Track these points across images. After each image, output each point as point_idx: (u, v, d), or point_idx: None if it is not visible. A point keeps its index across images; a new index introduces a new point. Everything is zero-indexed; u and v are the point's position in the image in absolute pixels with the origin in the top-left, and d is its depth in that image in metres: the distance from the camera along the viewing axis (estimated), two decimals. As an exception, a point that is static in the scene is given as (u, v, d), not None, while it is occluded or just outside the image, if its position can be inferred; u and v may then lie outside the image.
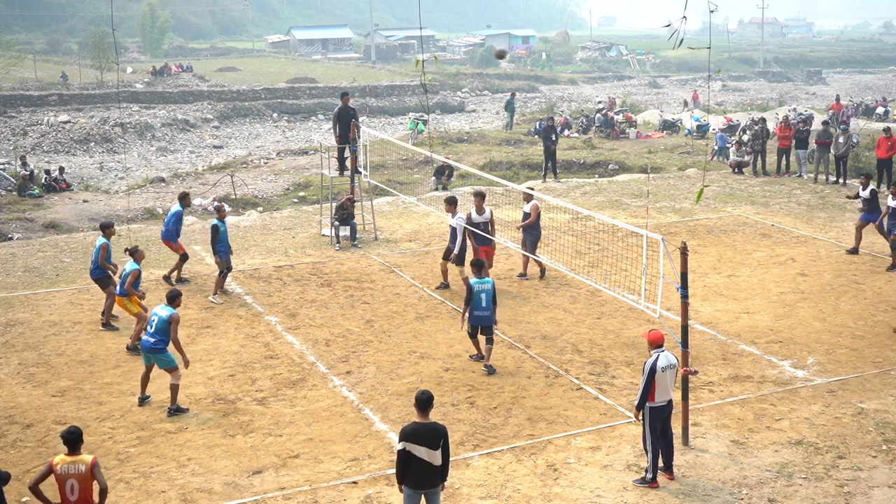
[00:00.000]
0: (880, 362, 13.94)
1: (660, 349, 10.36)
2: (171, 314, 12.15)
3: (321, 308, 16.43)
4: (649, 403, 10.31)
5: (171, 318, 12.12)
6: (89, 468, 8.47)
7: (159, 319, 12.14)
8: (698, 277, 17.74)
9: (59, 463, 8.49)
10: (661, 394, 10.29)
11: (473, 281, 13.49)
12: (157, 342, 12.14)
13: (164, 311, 12.19)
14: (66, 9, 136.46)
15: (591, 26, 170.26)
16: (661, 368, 10.24)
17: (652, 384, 10.23)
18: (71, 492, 8.42)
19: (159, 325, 12.12)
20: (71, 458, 8.49)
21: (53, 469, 8.48)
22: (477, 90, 72.52)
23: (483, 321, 13.46)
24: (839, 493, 10.21)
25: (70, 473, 8.43)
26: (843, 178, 27.13)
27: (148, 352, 12.25)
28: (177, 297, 12.43)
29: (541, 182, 27.98)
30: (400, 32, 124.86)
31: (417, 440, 8.59)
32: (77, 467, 8.45)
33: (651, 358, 10.30)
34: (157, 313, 12.24)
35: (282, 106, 57.82)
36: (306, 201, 26.55)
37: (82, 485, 8.43)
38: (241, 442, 11.46)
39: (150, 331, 12.20)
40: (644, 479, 10.40)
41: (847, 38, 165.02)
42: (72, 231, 23.15)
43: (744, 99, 67.38)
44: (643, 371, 10.32)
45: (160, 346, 12.15)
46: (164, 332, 12.12)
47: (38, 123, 46.45)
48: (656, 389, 10.25)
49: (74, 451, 8.54)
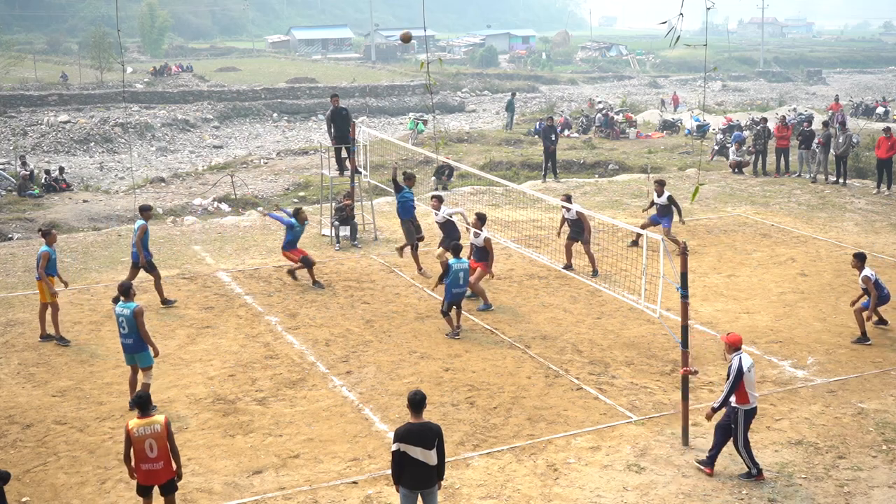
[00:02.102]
0: (880, 362, 13.94)
1: (739, 351, 10.45)
2: (134, 308, 11.85)
3: (321, 308, 16.43)
4: (743, 406, 10.38)
5: (135, 311, 11.83)
6: (164, 426, 8.98)
7: (127, 318, 11.82)
8: (698, 277, 17.73)
9: (135, 426, 8.94)
10: (752, 394, 10.42)
11: (452, 261, 14.89)
12: (137, 341, 11.92)
13: (126, 309, 11.86)
14: (66, 9, 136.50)
15: (591, 26, 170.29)
16: (748, 369, 10.33)
17: (740, 385, 10.30)
18: (150, 450, 8.93)
19: (130, 323, 11.82)
20: (145, 420, 8.97)
21: (130, 433, 8.94)
22: (477, 90, 72.54)
23: (459, 297, 14.98)
24: (839, 493, 10.21)
25: (147, 434, 8.93)
26: (843, 179, 27.14)
27: (131, 352, 12.05)
28: (129, 288, 12.09)
29: (541, 182, 27.98)
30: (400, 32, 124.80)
31: (412, 441, 8.60)
32: (153, 427, 8.95)
33: (734, 361, 10.36)
34: (121, 312, 11.87)
35: (282, 106, 57.85)
36: (306, 201, 26.54)
37: (160, 443, 8.95)
38: (241, 442, 11.46)
39: (125, 332, 11.90)
40: (749, 475, 10.47)
41: (847, 38, 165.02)
42: (72, 231, 23.15)
43: (744, 99, 67.40)
44: (728, 374, 10.35)
45: (140, 344, 11.93)
46: (137, 329, 11.88)
47: (38, 123, 46.47)
48: (747, 391, 10.34)
49: (146, 413, 9.03)
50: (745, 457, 10.48)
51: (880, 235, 21.42)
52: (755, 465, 10.49)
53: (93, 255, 19.81)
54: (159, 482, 9.11)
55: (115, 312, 12.10)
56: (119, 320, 11.96)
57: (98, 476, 10.61)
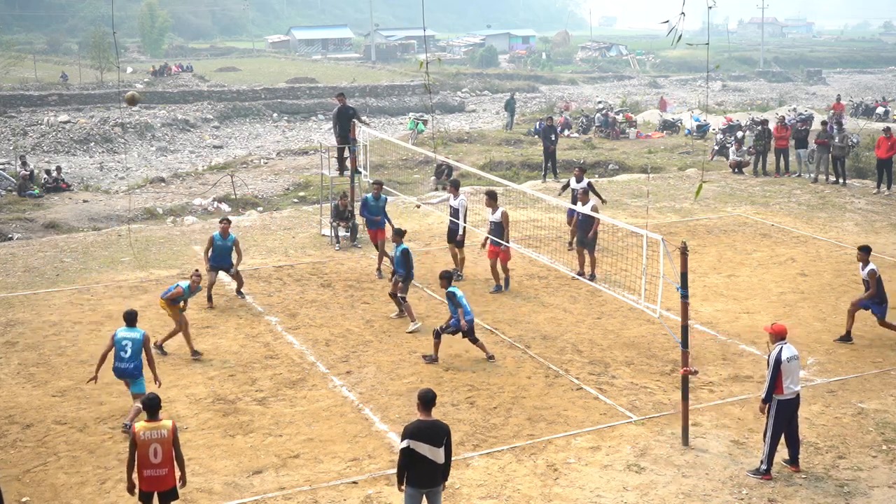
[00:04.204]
0: (880, 362, 13.94)
1: (783, 341, 10.40)
2: (143, 334, 11.70)
3: (321, 308, 16.43)
4: (777, 396, 10.34)
5: (145, 337, 11.70)
6: (171, 432, 8.94)
7: (135, 341, 11.60)
8: (698, 277, 17.73)
9: (141, 429, 8.91)
10: (788, 386, 10.35)
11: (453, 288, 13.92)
12: (137, 367, 11.64)
13: (135, 333, 11.67)
14: (66, 9, 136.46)
15: (592, 26, 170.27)
16: (787, 359, 10.31)
17: (778, 376, 10.26)
18: (154, 455, 8.87)
19: (135, 349, 11.59)
20: (152, 424, 8.94)
21: (136, 435, 8.88)
22: (477, 90, 72.52)
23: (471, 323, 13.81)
24: (839, 493, 10.21)
25: (153, 438, 8.87)
26: (843, 179, 27.13)
27: (126, 378, 11.76)
28: (135, 315, 11.93)
29: (541, 182, 27.98)
30: (400, 32, 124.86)
31: (421, 438, 8.61)
32: (160, 432, 8.90)
33: (775, 350, 10.33)
34: (129, 337, 11.63)
35: (282, 106, 57.83)
36: (306, 201, 26.55)
37: (165, 448, 8.90)
38: (241, 442, 11.46)
39: (126, 356, 11.57)
40: (759, 470, 10.44)
41: (847, 38, 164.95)
42: (72, 231, 23.16)
43: (744, 99, 67.37)
44: (768, 363, 10.33)
45: (138, 370, 11.66)
46: (140, 355, 11.65)
47: (38, 123, 46.45)
48: (783, 381, 10.30)
49: (154, 417, 8.99)
50: (767, 449, 10.41)
51: (880, 235, 21.42)
52: (769, 462, 10.42)
53: (93, 255, 19.81)
54: (161, 489, 8.94)
55: (115, 339, 11.68)
56: (122, 344, 11.60)
57: (98, 476, 10.61)
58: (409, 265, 15.39)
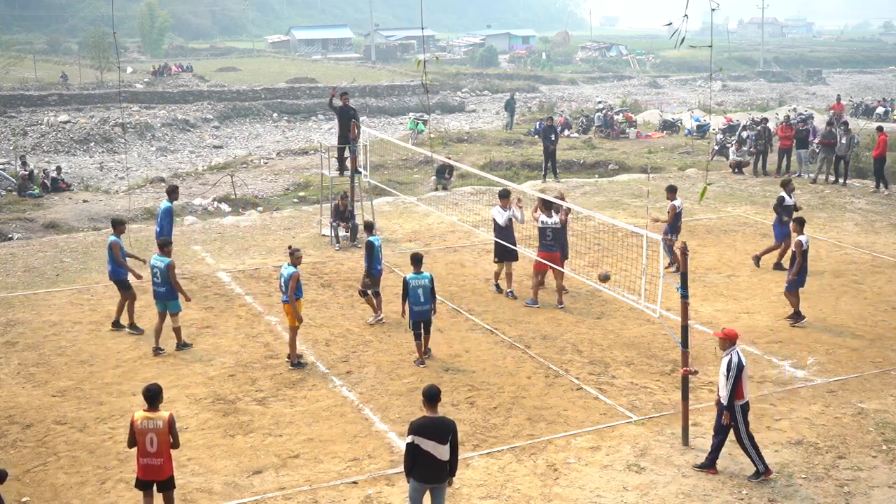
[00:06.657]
0: (880, 362, 13.93)
1: (734, 347, 10.42)
2: (167, 262, 14.08)
3: (321, 308, 16.43)
4: (738, 402, 10.37)
5: (169, 265, 14.06)
6: (167, 423, 9.10)
7: (161, 270, 14.03)
8: (698, 277, 17.73)
9: (140, 419, 9.10)
10: (747, 389, 10.41)
11: (410, 276, 13.86)
12: (169, 290, 14.10)
13: (160, 262, 14.12)
14: (66, 9, 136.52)
15: (592, 26, 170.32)
16: (745, 364, 10.35)
17: (739, 382, 10.29)
18: (150, 444, 9.07)
19: (163, 275, 14.02)
20: (150, 414, 9.11)
21: (134, 424, 9.10)
22: (477, 90, 72.54)
23: (422, 315, 13.74)
24: (839, 493, 10.20)
25: (150, 428, 9.06)
26: (844, 179, 27.12)
27: (163, 299, 14.15)
28: (168, 244, 14.46)
29: (541, 182, 27.98)
30: (400, 32, 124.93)
31: (426, 434, 8.65)
32: (156, 423, 9.08)
33: (734, 356, 10.31)
34: (156, 265, 14.12)
35: (282, 106, 57.84)
36: (306, 201, 26.55)
37: (161, 438, 9.07)
38: (241, 442, 11.46)
39: (158, 281, 14.08)
40: (757, 473, 10.45)
41: (847, 38, 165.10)
42: (72, 231, 23.16)
43: (744, 99, 67.38)
44: (728, 370, 10.27)
45: (171, 292, 14.11)
46: (169, 279, 14.06)
47: (38, 123, 46.46)
48: (744, 385, 10.34)
49: (153, 407, 9.15)
50: (753, 454, 10.44)
51: (880, 235, 21.42)
52: (762, 462, 10.45)
53: (93, 255, 19.81)
54: (157, 478, 9.17)
55: (149, 264, 14.38)
56: (154, 271, 14.14)
57: (98, 476, 10.61)
58: (371, 258, 15.33)
